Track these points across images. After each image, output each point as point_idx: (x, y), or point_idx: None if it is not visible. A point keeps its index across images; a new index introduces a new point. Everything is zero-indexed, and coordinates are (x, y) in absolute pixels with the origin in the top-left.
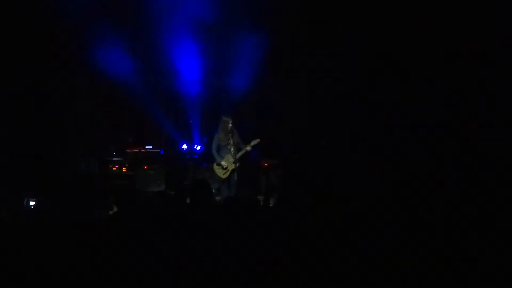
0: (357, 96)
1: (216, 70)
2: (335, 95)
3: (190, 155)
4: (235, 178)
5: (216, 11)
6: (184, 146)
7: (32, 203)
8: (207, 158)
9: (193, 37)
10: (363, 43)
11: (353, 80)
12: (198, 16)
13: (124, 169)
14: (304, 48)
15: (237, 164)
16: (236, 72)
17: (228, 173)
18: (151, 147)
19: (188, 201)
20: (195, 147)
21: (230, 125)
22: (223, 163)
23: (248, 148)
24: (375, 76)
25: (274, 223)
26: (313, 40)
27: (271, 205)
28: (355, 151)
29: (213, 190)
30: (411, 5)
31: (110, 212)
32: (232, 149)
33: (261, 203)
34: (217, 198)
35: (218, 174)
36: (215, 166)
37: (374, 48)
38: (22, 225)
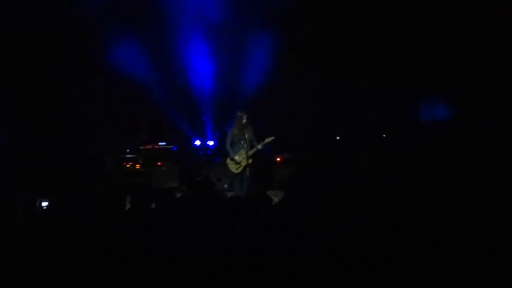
0: (369, 94)
1: (229, 66)
2: (347, 92)
3: (203, 150)
4: (248, 173)
5: (229, 9)
6: (197, 142)
7: (44, 203)
8: (220, 153)
9: (206, 34)
10: (377, 39)
11: (366, 78)
12: (211, 14)
13: (137, 166)
14: (317, 43)
15: (250, 160)
16: (249, 68)
17: (241, 168)
18: (164, 143)
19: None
20: (208, 143)
21: (245, 120)
22: (236, 157)
23: (260, 146)
24: (388, 73)
25: (280, 219)
26: (326, 36)
27: (277, 199)
28: (367, 148)
29: (226, 186)
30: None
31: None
32: (246, 145)
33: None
34: (230, 193)
35: (231, 169)
36: (229, 161)
37: (388, 44)
38: (35, 225)
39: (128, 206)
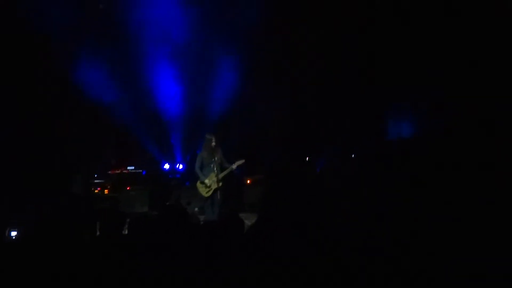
0: (340, 111)
1: (197, 88)
2: (317, 111)
3: (173, 174)
4: (219, 196)
5: (196, 31)
6: (166, 166)
7: (14, 233)
8: (190, 177)
9: (173, 56)
10: (347, 53)
11: (336, 93)
12: (178, 37)
13: (106, 191)
14: (284, 62)
15: (221, 183)
16: (217, 90)
17: (211, 192)
18: (133, 167)
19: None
20: (177, 166)
21: (214, 143)
22: (206, 181)
23: (234, 166)
24: (359, 85)
25: (254, 243)
26: (294, 54)
27: (250, 223)
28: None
29: (196, 209)
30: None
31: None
32: (216, 168)
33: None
34: (201, 217)
35: (202, 192)
36: (199, 185)
37: (358, 56)
38: (3, 255)
39: (97, 232)
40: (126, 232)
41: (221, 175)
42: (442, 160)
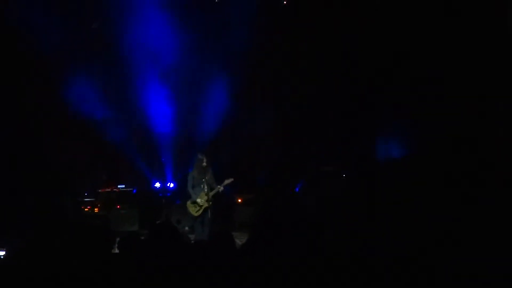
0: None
1: (188, 107)
2: (307, 128)
3: (163, 193)
4: (209, 215)
5: (186, 50)
6: (157, 184)
7: (1, 253)
8: (181, 195)
9: (165, 76)
10: (336, 72)
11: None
12: (169, 56)
13: (96, 210)
14: (274, 81)
15: (210, 203)
16: (208, 109)
17: (201, 211)
18: (123, 186)
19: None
20: (168, 185)
21: (205, 163)
22: (198, 200)
23: (221, 188)
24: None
25: (245, 262)
26: (283, 74)
27: (241, 242)
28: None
29: (187, 228)
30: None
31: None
32: (206, 187)
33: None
34: (191, 236)
35: (191, 212)
36: (189, 204)
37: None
38: None
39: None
40: (116, 251)
41: (210, 194)
42: (428, 179)
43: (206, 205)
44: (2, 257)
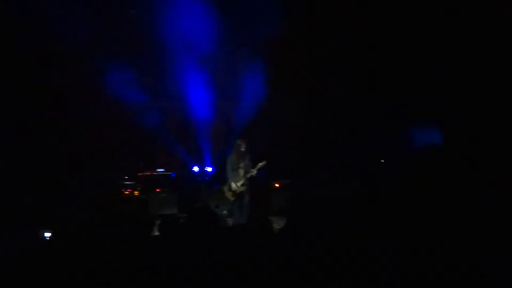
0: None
1: (226, 91)
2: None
3: (202, 177)
4: (247, 200)
5: (224, 36)
6: (196, 168)
7: (47, 234)
8: (218, 180)
9: (203, 61)
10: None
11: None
12: (207, 41)
13: (136, 193)
14: (308, 66)
15: (244, 187)
16: (246, 93)
17: (236, 196)
18: (163, 170)
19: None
20: (206, 169)
21: (243, 149)
22: (233, 185)
23: (254, 171)
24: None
25: (282, 247)
26: (316, 59)
27: (278, 226)
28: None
29: (225, 212)
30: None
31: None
32: (242, 172)
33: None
34: (229, 220)
35: (228, 196)
36: (225, 189)
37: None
38: (36, 256)
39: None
40: (156, 233)
41: (246, 178)
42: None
43: (241, 189)
44: (48, 238)
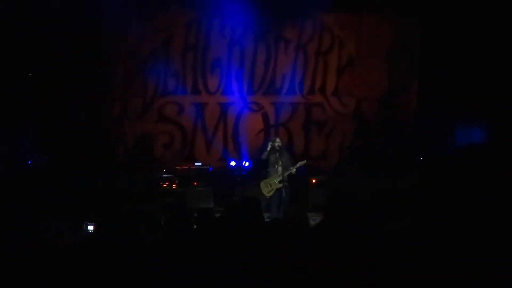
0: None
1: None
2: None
3: (239, 171)
4: (283, 195)
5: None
6: (233, 163)
7: (90, 227)
8: (255, 175)
9: (239, 55)
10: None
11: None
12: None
13: (174, 186)
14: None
15: (281, 184)
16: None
17: (272, 192)
18: (200, 164)
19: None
20: (243, 164)
21: (278, 144)
22: (269, 181)
23: (293, 170)
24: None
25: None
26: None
27: (314, 223)
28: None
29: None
30: None
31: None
32: (280, 169)
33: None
34: (266, 214)
35: (264, 192)
36: (262, 184)
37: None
38: (82, 248)
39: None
40: (194, 226)
41: (284, 175)
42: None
43: (278, 186)
44: (91, 231)
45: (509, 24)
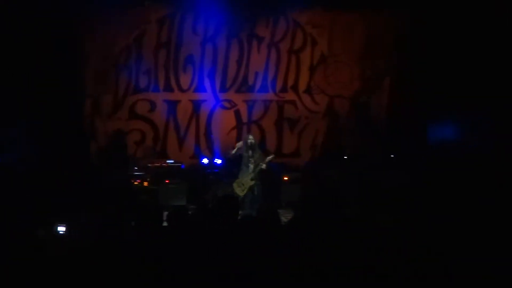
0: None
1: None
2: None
3: (211, 169)
4: (256, 192)
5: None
6: (205, 160)
7: (61, 228)
8: (228, 173)
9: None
10: None
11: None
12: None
13: (146, 184)
14: None
15: (253, 182)
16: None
17: (245, 190)
18: (172, 161)
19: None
20: (215, 161)
21: (250, 142)
22: (235, 186)
23: (263, 165)
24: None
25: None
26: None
27: (286, 220)
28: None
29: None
30: None
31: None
32: (252, 166)
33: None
34: (239, 212)
35: (237, 192)
36: (235, 185)
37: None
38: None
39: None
40: (165, 224)
41: (255, 172)
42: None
43: (250, 183)
44: (62, 232)
45: (481, 22)
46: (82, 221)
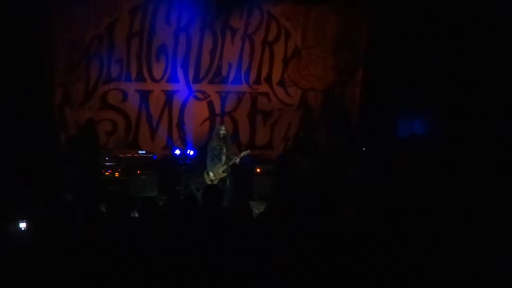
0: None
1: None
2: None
3: (183, 160)
4: (227, 184)
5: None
6: (177, 151)
7: (22, 225)
8: (200, 164)
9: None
10: None
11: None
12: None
13: (117, 174)
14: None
15: (224, 174)
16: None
17: (216, 181)
18: (144, 152)
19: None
20: (188, 152)
21: (222, 132)
22: (210, 173)
23: (237, 159)
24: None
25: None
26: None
27: (258, 211)
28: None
29: None
30: None
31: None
32: (224, 158)
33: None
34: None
35: (208, 182)
36: (205, 175)
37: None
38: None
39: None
40: (136, 215)
41: (228, 165)
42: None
43: (222, 175)
44: (24, 229)
45: (455, 15)
46: (43, 216)
